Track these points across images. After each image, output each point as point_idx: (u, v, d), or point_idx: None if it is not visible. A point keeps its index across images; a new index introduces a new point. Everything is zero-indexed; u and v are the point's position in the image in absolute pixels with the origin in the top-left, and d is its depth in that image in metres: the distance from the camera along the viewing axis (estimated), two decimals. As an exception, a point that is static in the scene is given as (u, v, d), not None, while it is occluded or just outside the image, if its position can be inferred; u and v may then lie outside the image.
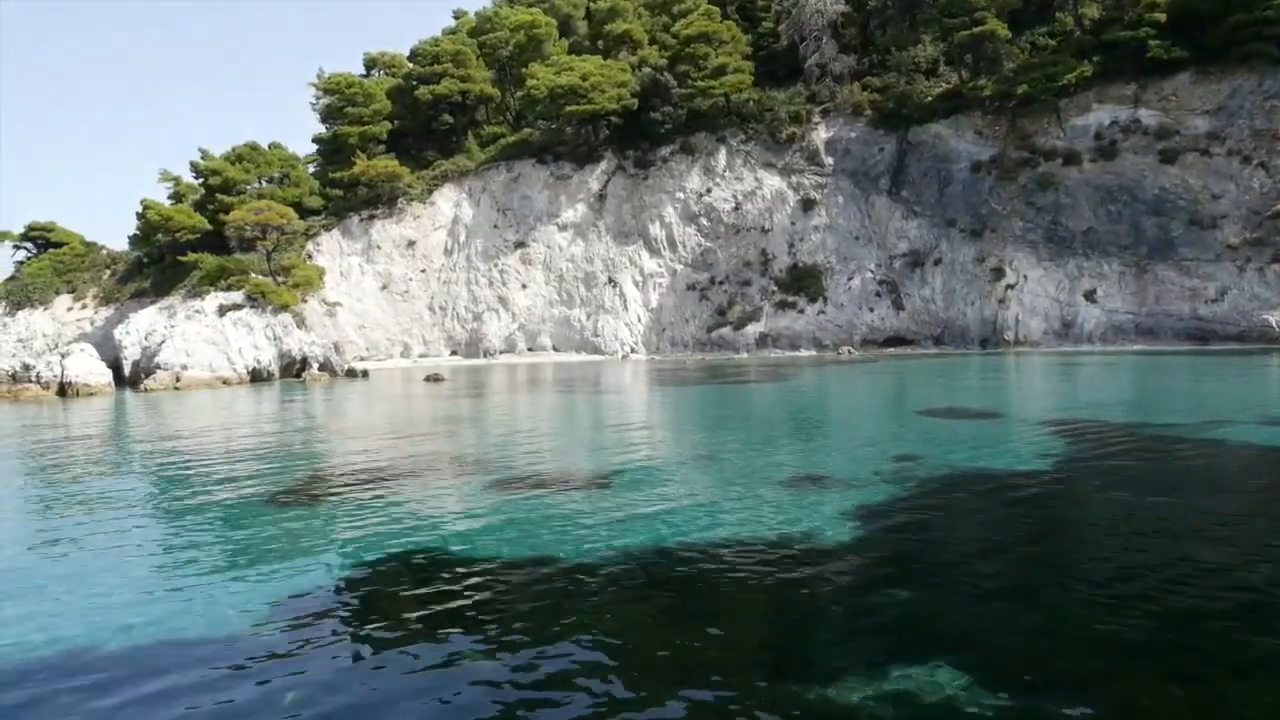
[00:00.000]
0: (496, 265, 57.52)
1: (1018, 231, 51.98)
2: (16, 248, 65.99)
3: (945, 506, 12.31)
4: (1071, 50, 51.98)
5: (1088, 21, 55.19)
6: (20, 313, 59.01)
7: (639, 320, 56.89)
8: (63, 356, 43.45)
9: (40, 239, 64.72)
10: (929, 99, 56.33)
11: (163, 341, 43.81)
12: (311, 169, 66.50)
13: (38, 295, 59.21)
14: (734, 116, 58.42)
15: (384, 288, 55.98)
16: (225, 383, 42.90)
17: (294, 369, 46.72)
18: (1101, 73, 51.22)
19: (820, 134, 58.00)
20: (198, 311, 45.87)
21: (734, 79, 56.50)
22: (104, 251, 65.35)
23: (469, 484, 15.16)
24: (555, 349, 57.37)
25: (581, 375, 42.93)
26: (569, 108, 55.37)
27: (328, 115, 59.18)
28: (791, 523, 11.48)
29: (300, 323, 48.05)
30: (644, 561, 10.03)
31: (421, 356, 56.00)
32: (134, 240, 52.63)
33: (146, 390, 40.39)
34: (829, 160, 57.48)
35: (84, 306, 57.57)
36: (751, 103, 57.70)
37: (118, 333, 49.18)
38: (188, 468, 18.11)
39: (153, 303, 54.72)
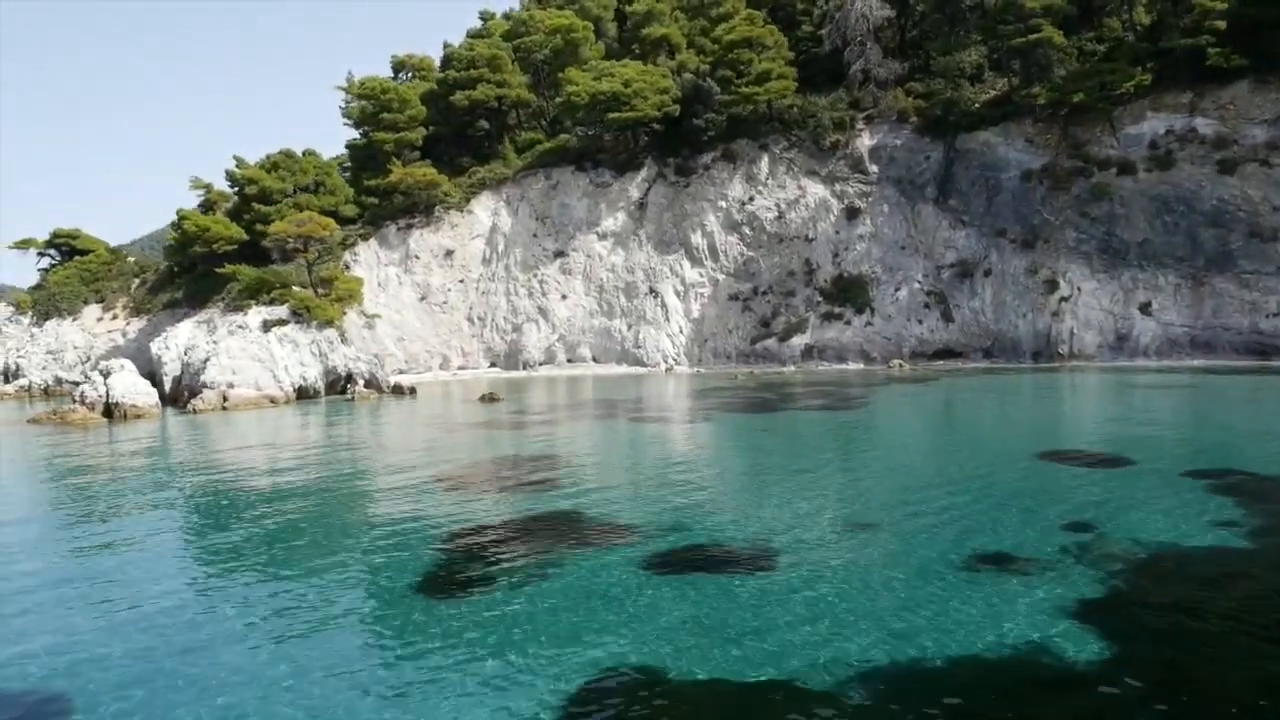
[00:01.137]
0: (536, 275, 56.51)
1: (1071, 242, 51.01)
2: (41, 254, 64.92)
3: (1178, 604, 11.34)
4: (1126, 57, 50.95)
5: (1139, 27, 54.21)
6: (48, 323, 57.98)
7: (680, 331, 55.94)
8: (105, 375, 42.40)
9: (65, 246, 63.64)
10: (976, 105, 55.33)
11: (207, 359, 42.77)
12: (342, 174, 65.56)
13: (66, 305, 58.15)
14: (776, 123, 57.40)
15: (422, 299, 54.96)
16: (272, 401, 41.91)
17: (339, 385, 45.72)
18: (1156, 80, 50.23)
19: (864, 141, 56.98)
20: (240, 327, 44.83)
21: (778, 85, 55.43)
22: (131, 260, 64.28)
23: (644, 572, 14.15)
24: (595, 360, 56.42)
25: (638, 394, 41.97)
26: (611, 115, 54.31)
27: (362, 121, 58.03)
28: (1004, 628, 10.47)
29: (341, 337, 47.03)
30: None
31: (460, 369, 55.03)
32: (169, 250, 51.54)
33: (195, 411, 39.39)
34: (873, 168, 56.47)
35: (114, 317, 56.53)
36: (795, 109, 56.63)
37: (155, 347, 48.14)
38: (310, 538, 17.10)
39: (186, 314, 53.74)
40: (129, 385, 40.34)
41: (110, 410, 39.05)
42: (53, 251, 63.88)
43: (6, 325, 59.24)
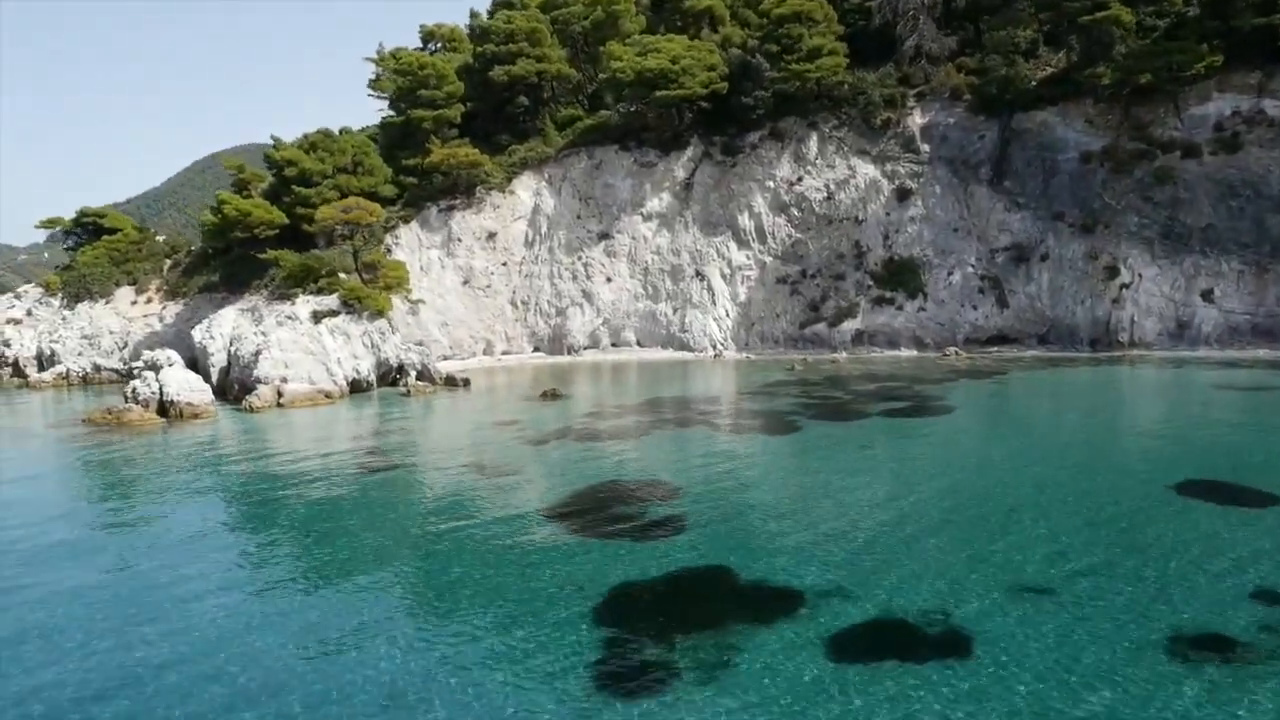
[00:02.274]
0: (580, 258, 55.29)
1: (1132, 227, 49.87)
2: (67, 234, 63.39)
3: None
4: (1192, 35, 49.37)
5: (1203, 3, 52.50)
6: (80, 305, 56.64)
7: (727, 315, 54.91)
8: (155, 370, 41.28)
9: (92, 225, 62.07)
10: (1032, 83, 53.77)
11: (257, 352, 41.69)
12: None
13: (97, 287, 56.76)
14: (825, 100, 55.81)
15: (465, 282, 53.77)
16: (327, 396, 40.93)
17: (390, 377, 44.73)
18: (1223, 60, 48.73)
19: (916, 119, 55.52)
20: (290, 318, 43.67)
21: (830, 62, 53.81)
22: (159, 238, 62.82)
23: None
24: (639, 344, 55.45)
25: (703, 388, 41.04)
26: (658, 93, 52.69)
27: (398, 97, 56.27)
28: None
29: (390, 326, 45.96)
30: None
31: (504, 354, 54.04)
32: (207, 234, 50.10)
33: (251, 409, 38.37)
34: (925, 147, 55.08)
35: (149, 300, 55.25)
36: (845, 86, 55.04)
37: (197, 335, 46.98)
38: (446, 599, 16.22)
39: (225, 299, 52.49)
40: (182, 382, 39.29)
41: (165, 408, 38.05)
42: (79, 231, 62.32)
43: (37, 308, 57.90)
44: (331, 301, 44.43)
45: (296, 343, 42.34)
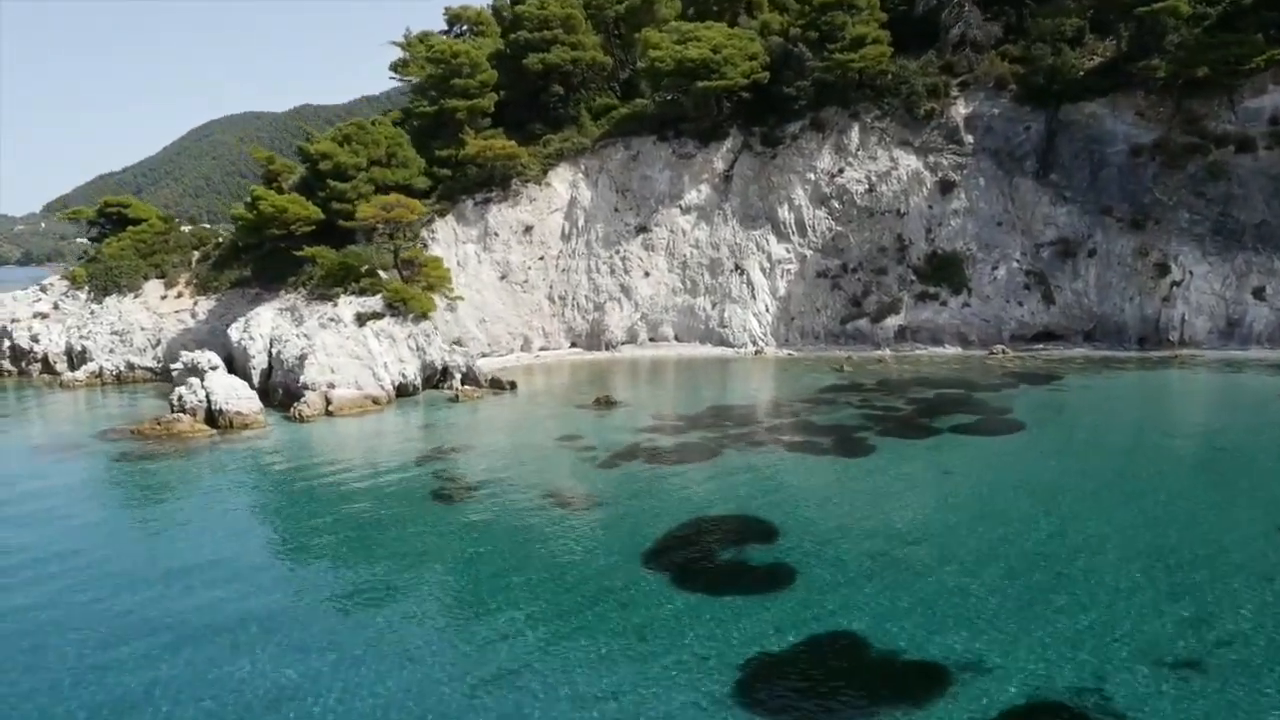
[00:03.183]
0: (618, 251, 54.36)
1: (1183, 224, 49.00)
2: (90, 224, 62.30)
3: None
4: (1249, 25, 48.16)
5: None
6: (108, 299, 55.69)
7: (766, 310, 54.10)
8: (199, 375, 40.48)
9: (116, 215, 60.94)
10: (1080, 73, 52.57)
11: (302, 355, 40.92)
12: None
13: (125, 280, 55.78)
14: (867, 90, 54.58)
15: (502, 278, 52.87)
16: (375, 402, 40.25)
17: (434, 380, 44.04)
18: (1279, 50, 47.62)
19: (959, 109, 54.31)
20: (333, 320, 42.86)
21: (874, 51, 52.55)
22: (185, 229, 61.72)
23: None
24: (678, 339, 54.68)
25: (756, 391, 40.35)
26: (700, 84, 51.47)
27: (430, 85, 54.89)
28: None
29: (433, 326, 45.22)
30: None
31: (542, 350, 53.31)
32: (242, 230, 49.02)
33: (301, 418, 37.68)
34: (969, 138, 53.91)
35: (179, 295, 54.30)
36: (888, 75, 53.80)
37: (234, 334, 46.17)
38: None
39: (258, 295, 51.63)
40: (229, 389, 38.60)
41: (214, 417, 37.37)
42: (103, 222, 61.18)
43: (63, 301, 56.90)
44: (375, 303, 43.60)
45: (342, 347, 41.57)
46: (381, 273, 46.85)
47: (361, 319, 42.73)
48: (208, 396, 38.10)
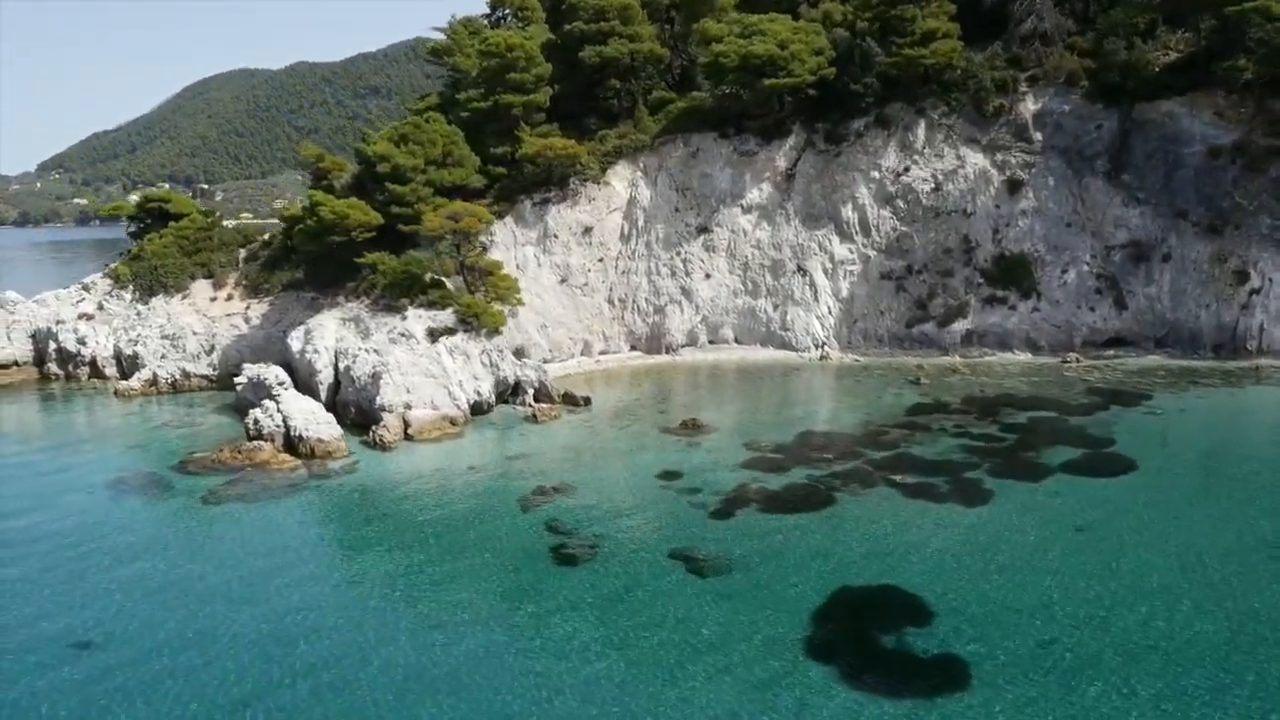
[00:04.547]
0: (679, 253, 53.17)
1: (1264, 229, 47.94)
2: (130, 219, 60.77)
3: None
4: (1338, 24, 46.63)
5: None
6: (154, 300, 54.45)
7: (829, 312, 53.10)
8: (269, 392, 39.56)
9: (156, 210, 59.45)
10: (1155, 70, 51.04)
11: (376, 374, 39.93)
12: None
13: (171, 280, 54.50)
14: (933, 85, 53.03)
15: (562, 281, 51.68)
16: (452, 423, 39.32)
17: (506, 394, 43.13)
18: (1369, 51, 46.17)
19: (1028, 106, 52.88)
20: (403, 335, 41.80)
21: (945, 46, 50.97)
22: (227, 223, 60.19)
23: None
24: (738, 341, 53.75)
25: (843, 414, 39.39)
26: (766, 82, 49.90)
27: (484, 80, 53.09)
28: None
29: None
30: None
31: (602, 354, 52.35)
32: (301, 236, 47.57)
33: (382, 444, 36.78)
34: (1038, 136, 52.58)
35: (228, 297, 53.07)
36: (958, 70, 52.20)
37: (295, 344, 45.08)
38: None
39: (313, 299, 50.46)
40: (307, 413, 37.68)
41: (293, 443, 36.49)
42: (143, 217, 59.66)
43: (108, 301, 55.62)
44: (447, 318, 42.50)
45: (415, 364, 40.57)
46: (446, 281, 45.69)
47: (434, 335, 41.67)
48: (285, 421, 37.20)
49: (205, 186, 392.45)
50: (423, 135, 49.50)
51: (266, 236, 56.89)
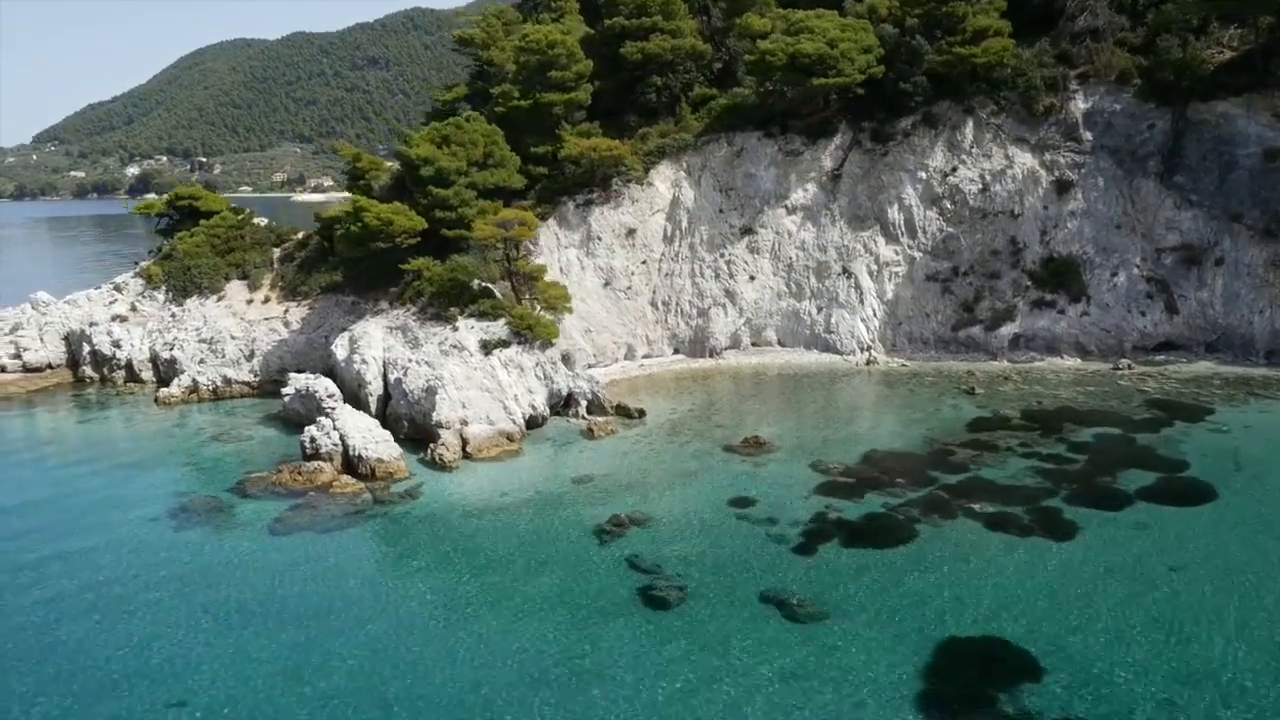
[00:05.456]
0: (723, 255, 52.40)
1: (1320, 235, 47.25)
2: (160, 217, 59.81)
3: None
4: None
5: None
6: (188, 301, 53.69)
7: (874, 315, 52.47)
8: (318, 405, 38.93)
9: (187, 207, 58.49)
10: (1211, 69, 50.03)
11: (430, 388, 39.33)
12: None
13: (206, 281, 53.69)
14: (982, 83, 52.01)
15: (606, 284, 50.95)
16: (509, 439, 38.80)
17: (558, 406, 42.59)
18: None
19: (1078, 104, 51.93)
20: (455, 347, 41.15)
21: (997, 45, 49.89)
22: (260, 221, 59.27)
23: None
24: (781, 344, 53.17)
25: (904, 430, 38.74)
26: (815, 81, 48.89)
27: (523, 77, 51.96)
28: None
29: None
30: None
31: (645, 358, 51.75)
32: (344, 241, 46.65)
33: (443, 463, 36.27)
34: (1088, 135, 51.70)
35: (265, 300, 52.28)
36: (1008, 69, 51.16)
37: (339, 351, 44.47)
38: None
39: (354, 304, 49.80)
40: (364, 431, 37.13)
41: (351, 463, 35.98)
42: (173, 214, 58.70)
43: (140, 302, 54.81)
44: (499, 329, 41.82)
45: (470, 378, 39.97)
46: (493, 288, 44.98)
47: (487, 347, 41.01)
48: (342, 439, 36.65)
49: (204, 159, 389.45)
50: (464, 136, 48.49)
51: (300, 236, 55.89)
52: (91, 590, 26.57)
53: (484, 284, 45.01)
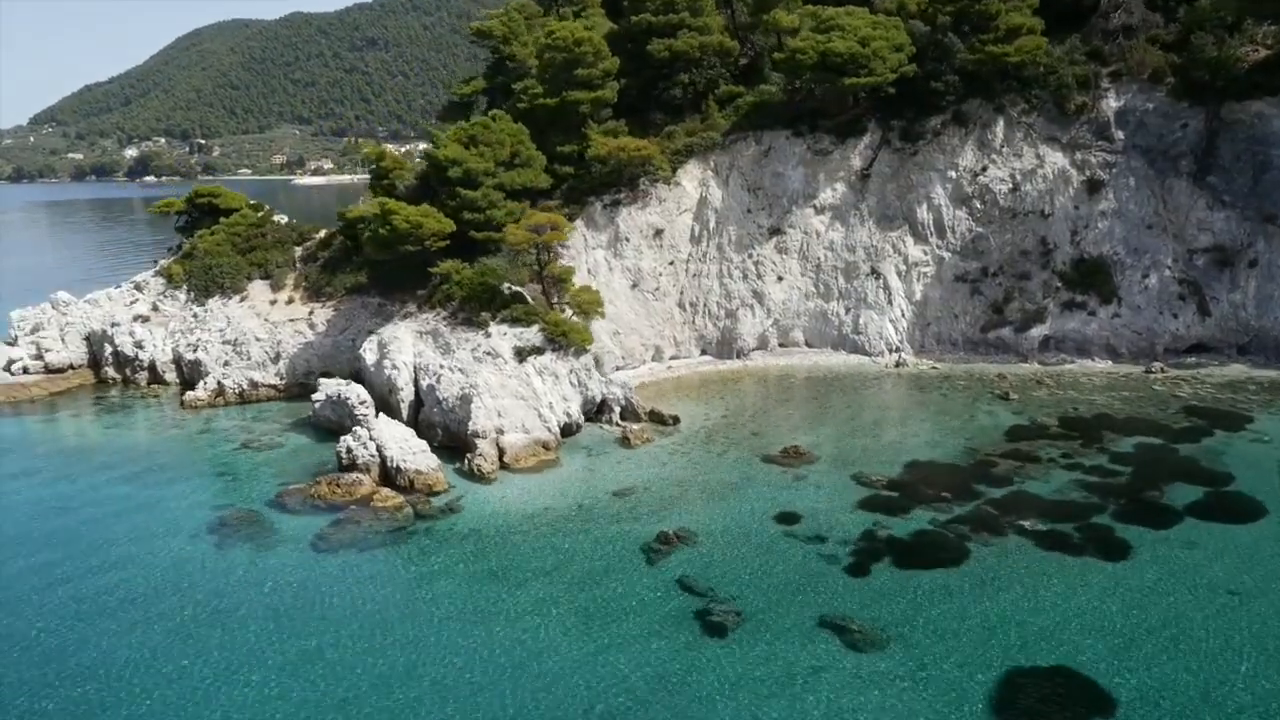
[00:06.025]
0: (751, 255, 51.95)
1: (1355, 237, 46.88)
2: (179, 214, 59.19)
3: None
4: None
5: None
6: (211, 301, 53.19)
7: (902, 315, 52.08)
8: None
9: (206, 205, 57.89)
10: (1246, 67, 49.41)
11: (464, 396, 38.98)
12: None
13: (228, 281, 53.18)
14: (1013, 81, 51.39)
15: (634, 285, 50.51)
16: (545, 447, 38.52)
17: (591, 412, 42.28)
18: None
19: (1110, 103, 51.36)
20: (489, 354, 40.78)
21: (1030, 43, 49.31)
22: (279, 219, 58.69)
23: None
24: (808, 344, 52.80)
25: (942, 439, 38.35)
26: (847, 81, 48.28)
27: (549, 75, 51.25)
28: None
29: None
30: None
31: (673, 359, 51.37)
32: (372, 243, 46.05)
33: (482, 474, 35.98)
34: (1119, 134, 51.17)
35: (289, 301, 51.77)
36: (1040, 67, 50.52)
37: (368, 355, 44.10)
38: None
39: (380, 305, 49.34)
40: (401, 441, 36.84)
41: (389, 475, 35.69)
42: (192, 213, 58.12)
43: (162, 301, 54.31)
44: (533, 336, 41.43)
45: (505, 386, 39.63)
46: (523, 291, 44.56)
47: (522, 354, 40.66)
48: (379, 450, 36.35)
49: (202, 141, 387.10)
50: (491, 135, 47.87)
51: (322, 235, 55.34)
52: (142, 624, 26.03)
53: (514, 288, 44.56)
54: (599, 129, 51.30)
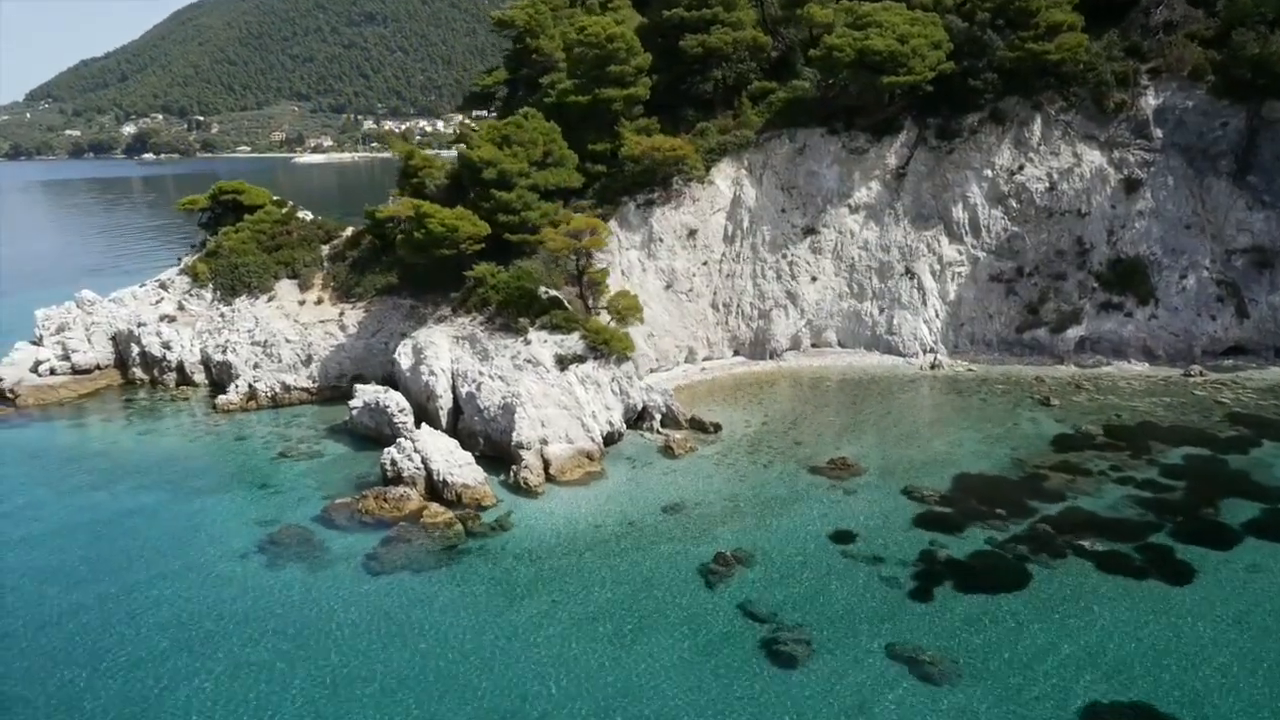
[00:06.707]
0: (785, 255, 51.43)
1: (1398, 239, 46.44)
2: (201, 211, 58.49)
3: None
4: None
5: None
6: (237, 300, 52.66)
7: (936, 315, 51.68)
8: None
9: (230, 201, 57.20)
10: (1287, 64, 48.67)
11: (507, 405, 38.66)
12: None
13: (255, 280, 52.61)
14: (1051, 78, 50.67)
15: (668, 286, 50.01)
16: (589, 458, 38.22)
17: (632, 419, 41.96)
18: None
19: (1149, 101, 50.70)
20: (529, 362, 40.40)
21: (1072, 40, 48.59)
22: (304, 215, 58.03)
23: None
24: (841, 345, 52.43)
25: (987, 443, 38.01)
26: (885, 79, 47.56)
27: (581, 71, 50.41)
28: None
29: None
30: None
31: (706, 360, 50.99)
32: (407, 247, 45.44)
33: (529, 488, 35.70)
34: (1158, 133, 50.56)
35: (318, 301, 51.24)
36: (1080, 64, 49.79)
37: (403, 360, 43.71)
38: None
39: (411, 308, 48.88)
40: (446, 454, 36.53)
41: (435, 488, 35.40)
42: (216, 209, 57.44)
43: (188, 301, 53.76)
44: (574, 344, 41.01)
45: (548, 395, 39.27)
46: (560, 296, 44.09)
47: (563, 363, 40.27)
48: (424, 462, 36.03)
49: (201, 118, 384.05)
50: (524, 135, 47.17)
51: (349, 233, 54.71)
52: (190, 649, 25.87)
53: (551, 292, 44.09)
54: (631, 126, 50.56)
